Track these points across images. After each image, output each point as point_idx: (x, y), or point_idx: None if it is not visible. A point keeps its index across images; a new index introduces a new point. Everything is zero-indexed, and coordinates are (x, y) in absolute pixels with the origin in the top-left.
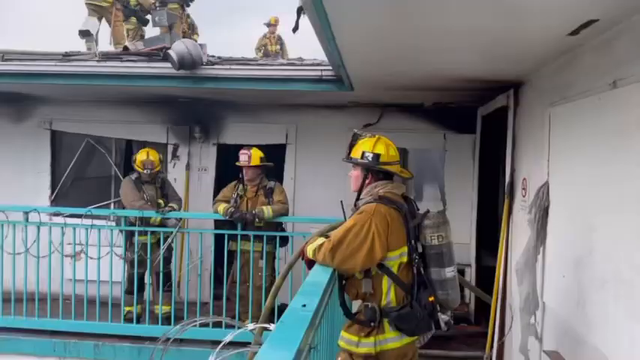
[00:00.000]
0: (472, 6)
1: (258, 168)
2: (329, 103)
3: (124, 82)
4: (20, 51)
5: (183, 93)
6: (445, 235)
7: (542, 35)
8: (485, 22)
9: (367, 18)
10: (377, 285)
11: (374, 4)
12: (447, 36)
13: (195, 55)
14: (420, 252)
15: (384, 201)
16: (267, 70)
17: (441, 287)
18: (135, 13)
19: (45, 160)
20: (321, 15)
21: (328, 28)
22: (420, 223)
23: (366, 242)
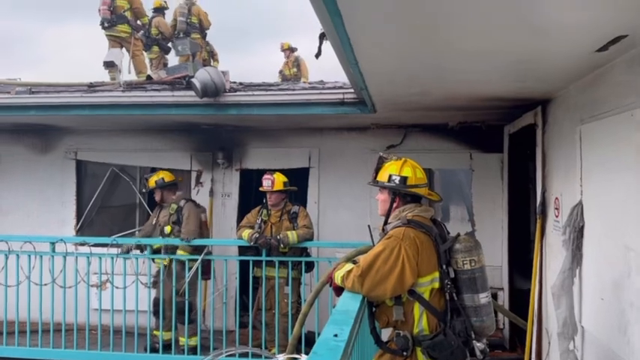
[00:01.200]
0: (497, 25)
1: (281, 193)
2: (351, 126)
3: (148, 112)
4: (46, 83)
5: (206, 120)
6: (477, 260)
7: (570, 52)
8: (511, 40)
9: (391, 42)
10: (408, 312)
11: (397, 29)
12: (471, 56)
13: (218, 82)
14: (452, 277)
15: (412, 225)
16: (289, 95)
17: (476, 314)
18: (157, 42)
19: (70, 189)
20: (344, 40)
21: (351, 53)
22: (451, 247)
23: (395, 267)
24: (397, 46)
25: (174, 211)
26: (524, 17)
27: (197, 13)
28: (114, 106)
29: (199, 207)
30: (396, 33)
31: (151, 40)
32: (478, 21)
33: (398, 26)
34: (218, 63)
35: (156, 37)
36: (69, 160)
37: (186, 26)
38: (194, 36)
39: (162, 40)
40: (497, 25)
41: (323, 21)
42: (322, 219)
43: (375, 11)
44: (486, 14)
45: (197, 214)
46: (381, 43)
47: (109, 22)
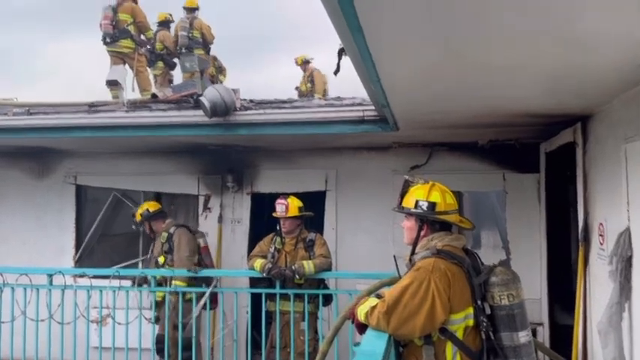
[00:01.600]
0: (528, 38)
1: (296, 219)
2: (371, 145)
3: (153, 133)
4: (45, 103)
5: (215, 141)
6: (516, 294)
7: (612, 65)
8: (544, 54)
9: (415, 57)
10: (440, 352)
11: (422, 44)
12: (501, 71)
13: (228, 101)
14: (488, 314)
15: (443, 255)
16: (304, 113)
17: (515, 354)
18: (161, 57)
19: (69, 216)
20: (365, 57)
21: (373, 70)
22: (487, 280)
23: (425, 303)
24: (422, 61)
25: (165, 239)
26: (560, 29)
27: (199, 27)
28: (117, 127)
29: (195, 232)
30: (421, 48)
31: (156, 56)
32: (508, 34)
33: (423, 42)
34: (225, 78)
35: (160, 52)
36: (68, 184)
37: (188, 41)
38: (197, 51)
39: (168, 56)
40: (529, 38)
41: (343, 37)
42: (341, 247)
43: (400, 27)
44: (517, 27)
45: (190, 240)
46: (405, 59)
47: (111, 38)
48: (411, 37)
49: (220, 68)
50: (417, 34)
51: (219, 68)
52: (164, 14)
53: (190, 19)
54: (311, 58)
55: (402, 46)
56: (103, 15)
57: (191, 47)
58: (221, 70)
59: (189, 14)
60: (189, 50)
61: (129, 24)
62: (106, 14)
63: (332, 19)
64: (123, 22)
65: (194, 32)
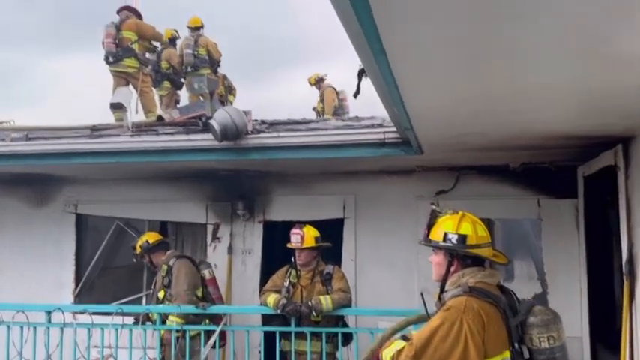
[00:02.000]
0: (566, 57)
1: (312, 250)
2: (393, 169)
3: (159, 159)
4: (45, 127)
5: (225, 166)
6: (557, 336)
7: None
8: (583, 73)
9: (443, 79)
10: None
11: (451, 66)
12: (535, 93)
13: (239, 124)
14: (527, 358)
15: (476, 293)
16: (320, 136)
17: None
18: (167, 77)
19: (69, 247)
20: (389, 80)
21: (396, 93)
22: (524, 320)
23: (457, 346)
24: (450, 83)
25: (165, 272)
26: (600, 46)
27: (205, 45)
28: (121, 153)
29: (200, 262)
30: (448, 70)
31: (161, 75)
32: (543, 53)
33: (450, 63)
34: (235, 98)
35: (166, 72)
36: (68, 213)
37: (193, 59)
38: (204, 70)
39: (174, 75)
40: (566, 57)
41: (364, 59)
42: (361, 280)
43: (425, 49)
44: (553, 45)
45: (190, 272)
46: (431, 82)
47: (114, 57)
48: (437, 59)
49: (230, 88)
50: (443, 55)
51: (228, 87)
52: (170, 31)
53: (195, 37)
54: (324, 75)
55: (427, 69)
56: (106, 33)
57: (197, 66)
58: (231, 89)
59: (194, 33)
60: (194, 69)
61: (133, 42)
62: (108, 32)
63: (353, 42)
64: (126, 40)
65: (199, 50)
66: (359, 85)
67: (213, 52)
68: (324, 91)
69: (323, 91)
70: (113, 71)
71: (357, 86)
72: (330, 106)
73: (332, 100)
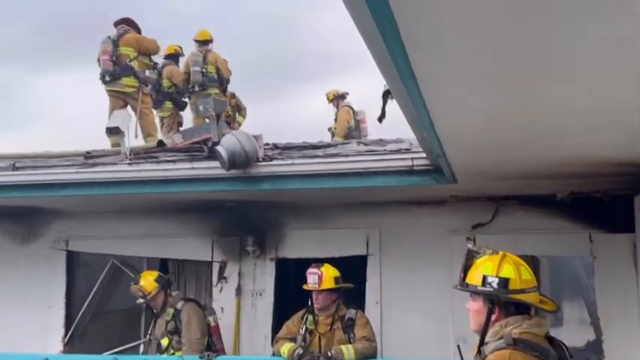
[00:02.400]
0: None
1: (332, 292)
2: (423, 199)
3: (160, 189)
4: (33, 154)
5: (233, 197)
6: None
7: None
8: None
9: (478, 102)
10: None
11: (487, 87)
12: (584, 116)
13: (249, 150)
14: None
15: (521, 346)
16: (340, 163)
17: None
18: (169, 97)
19: (58, 288)
20: (418, 104)
21: (426, 117)
22: None
23: None
24: (486, 106)
25: (171, 317)
26: None
27: (214, 62)
28: (117, 183)
29: (205, 308)
30: (486, 91)
31: (163, 95)
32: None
33: (488, 83)
34: (244, 118)
35: (168, 91)
36: (58, 250)
37: (201, 78)
38: (212, 90)
39: (177, 94)
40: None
41: (390, 81)
42: (387, 326)
43: (459, 69)
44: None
45: (202, 318)
46: (465, 104)
47: (111, 75)
48: (471, 79)
49: (238, 107)
50: (479, 74)
51: (236, 107)
52: (173, 46)
53: (203, 53)
54: (345, 93)
55: (460, 90)
56: (102, 49)
57: (205, 85)
58: (239, 109)
59: (202, 47)
60: (202, 89)
61: (132, 59)
62: (105, 48)
63: (378, 62)
64: (125, 57)
65: (208, 67)
66: (384, 108)
67: (223, 70)
68: (340, 111)
69: (339, 110)
70: (110, 91)
71: (382, 110)
72: (343, 127)
73: (345, 121)
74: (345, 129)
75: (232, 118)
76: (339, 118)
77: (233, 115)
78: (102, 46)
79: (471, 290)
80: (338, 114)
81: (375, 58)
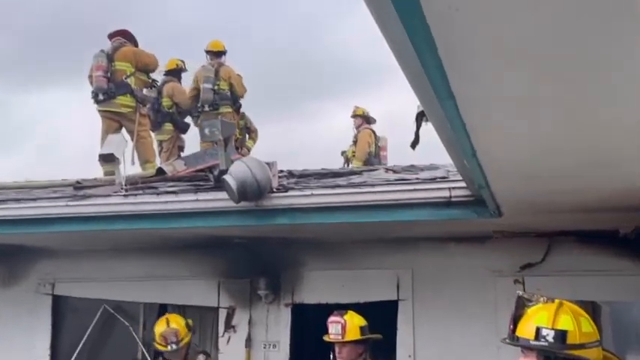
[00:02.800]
0: None
1: (358, 344)
2: (462, 235)
3: (160, 225)
4: (15, 185)
5: (243, 233)
6: None
7: None
8: None
9: (527, 124)
10: None
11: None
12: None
13: (261, 179)
14: None
15: None
16: (366, 194)
17: None
18: (170, 117)
19: (42, 338)
20: (457, 127)
21: (467, 142)
22: None
23: None
24: (536, 130)
25: None
26: None
27: (227, 77)
28: (111, 217)
29: None
30: (535, 115)
31: (162, 116)
32: None
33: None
34: (255, 142)
35: (168, 111)
36: (42, 295)
37: (212, 96)
38: (224, 110)
39: (179, 115)
40: None
41: (426, 103)
42: None
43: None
44: None
45: None
46: (512, 128)
47: (105, 94)
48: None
49: (248, 129)
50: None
51: (246, 129)
52: (174, 60)
53: (216, 67)
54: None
55: (507, 112)
56: (95, 64)
57: (216, 104)
58: (249, 131)
59: (214, 59)
60: (213, 108)
61: (128, 75)
62: (98, 64)
63: (413, 83)
64: (121, 72)
65: (221, 84)
66: (418, 132)
67: (237, 87)
68: (361, 132)
69: (359, 132)
70: (103, 112)
71: (416, 134)
72: (363, 151)
73: (366, 144)
74: (366, 153)
75: (241, 141)
76: (359, 141)
77: (242, 138)
78: (95, 61)
79: (522, 345)
80: (358, 136)
81: (408, 78)
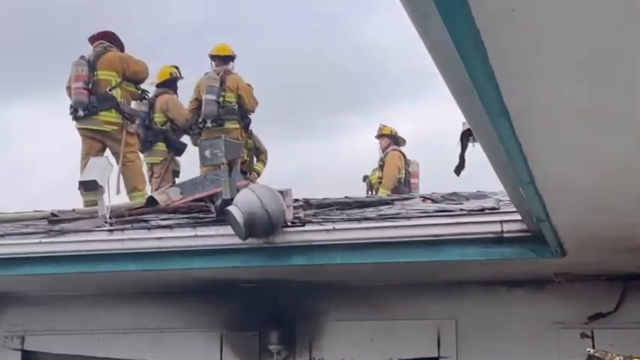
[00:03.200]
0: None
1: None
2: (517, 279)
3: (151, 266)
4: None
5: (251, 275)
6: None
7: None
8: None
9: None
10: None
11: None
12: None
13: (272, 211)
14: None
15: None
16: (400, 228)
17: None
18: (163, 136)
19: None
20: (511, 147)
21: (523, 165)
22: None
23: None
24: (608, 151)
25: None
26: None
27: (234, 87)
28: (94, 257)
29: None
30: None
31: (154, 134)
32: None
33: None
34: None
35: (161, 129)
36: (10, 350)
37: (216, 109)
38: (230, 126)
39: (173, 133)
40: None
41: (474, 121)
42: None
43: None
44: None
45: None
46: (578, 148)
47: (85, 109)
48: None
49: (257, 150)
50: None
51: (254, 150)
52: (167, 68)
53: (221, 74)
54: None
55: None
56: (74, 74)
57: (221, 119)
58: (258, 152)
59: (220, 66)
60: (217, 124)
61: (114, 86)
62: (77, 73)
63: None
64: (104, 83)
65: (227, 95)
66: (463, 154)
67: (246, 99)
68: (389, 155)
69: (387, 155)
70: (83, 130)
71: (461, 157)
72: (392, 176)
73: (395, 169)
74: (395, 180)
75: (249, 165)
76: (387, 164)
77: (250, 160)
78: (74, 70)
79: None
80: (386, 159)
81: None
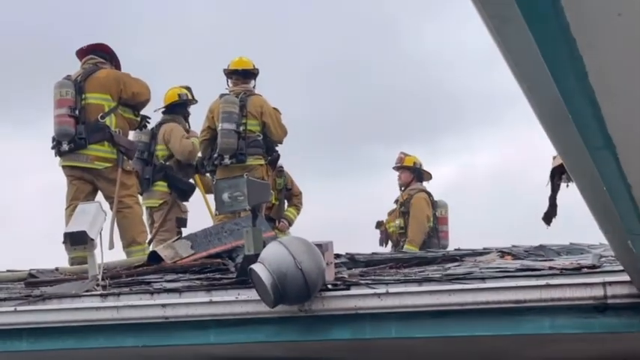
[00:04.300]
0: None
1: None
2: (624, 357)
3: (154, 341)
4: None
5: (281, 352)
6: None
7: None
8: None
9: None
10: None
11: None
12: None
13: (309, 270)
14: None
15: None
16: (473, 292)
17: None
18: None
19: None
20: (616, 185)
21: (632, 210)
22: None
23: None
24: None
25: None
26: None
27: (258, 113)
28: (83, 329)
29: None
30: None
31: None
32: None
33: None
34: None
35: (163, 164)
36: None
37: (236, 141)
38: (254, 162)
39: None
40: None
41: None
42: None
43: None
44: None
45: None
46: None
47: (71, 142)
48: None
49: (289, 192)
50: None
51: (286, 191)
52: (175, 90)
53: (241, 95)
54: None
55: None
56: (58, 98)
57: (242, 154)
58: (291, 195)
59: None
60: (237, 160)
61: (107, 113)
62: (61, 98)
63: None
64: (95, 109)
65: (248, 122)
66: (554, 198)
67: (272, 127)
68: (415, 200)
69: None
70: (69, 168)
71: (551, 200)
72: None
73: (425, 219)
74: (425, 233)
75: (278, 211)
76: (414, 213)
77: (280, 205)
78: (57, 93)
79: None
80: (411, 204)
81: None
